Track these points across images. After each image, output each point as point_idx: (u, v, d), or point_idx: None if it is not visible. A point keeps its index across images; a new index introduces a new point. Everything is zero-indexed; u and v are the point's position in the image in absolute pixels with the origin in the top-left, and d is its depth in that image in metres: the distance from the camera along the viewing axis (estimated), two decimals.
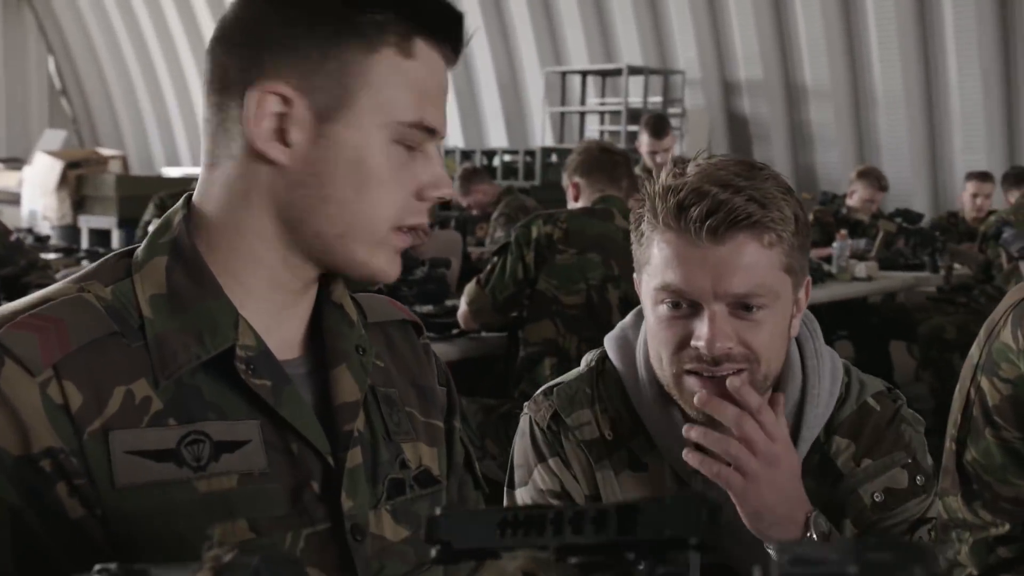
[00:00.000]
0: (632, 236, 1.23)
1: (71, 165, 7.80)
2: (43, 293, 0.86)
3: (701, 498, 0.52)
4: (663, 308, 1.18)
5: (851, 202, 5.49)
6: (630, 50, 9.82)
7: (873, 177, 5.49)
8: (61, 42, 13.67)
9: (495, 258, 2.95)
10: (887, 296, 5.33)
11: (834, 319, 5.22)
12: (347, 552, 0.87)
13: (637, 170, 4.94)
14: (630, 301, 2.85)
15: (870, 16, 8.78)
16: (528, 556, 0.53)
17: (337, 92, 0.85)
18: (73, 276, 0.89)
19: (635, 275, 1.25)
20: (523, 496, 1.30)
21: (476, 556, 0.57)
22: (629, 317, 1.34)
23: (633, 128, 9.13)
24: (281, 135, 0.85)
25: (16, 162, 10.13)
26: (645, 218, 1.19)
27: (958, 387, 1.88)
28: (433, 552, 0.57)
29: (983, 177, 6.11)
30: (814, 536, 1.15)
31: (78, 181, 7.71)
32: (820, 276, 4.64)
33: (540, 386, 2.83)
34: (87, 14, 13.19)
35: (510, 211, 5.31)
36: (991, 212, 5.94)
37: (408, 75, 0.86)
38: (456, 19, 0.89)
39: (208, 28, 12.46)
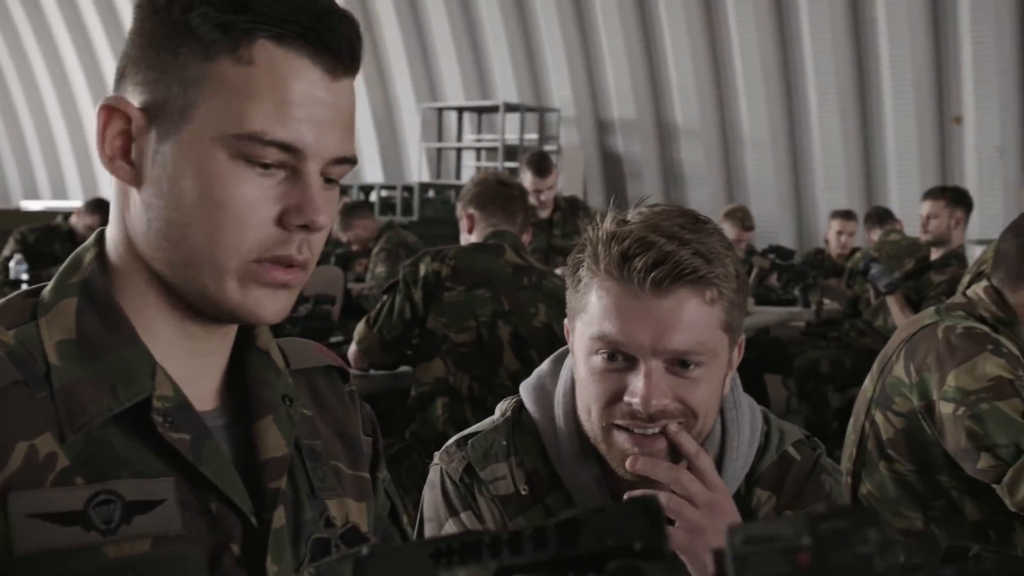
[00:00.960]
0: (568, 281, 1.18)
1: None
2: None
3: (642, 502, 0.49)
4: (597, 359, 1.13)
5: None
6: (506, 87, 9.92)
7: (737, 218, 5.63)
8: None
9: (384, 297, 2.90)
10: (760, 330, 5.47)
11: None
12: None
13: None
14: (521, 336, 2.83)
15: (736, 58, 9.12)
16: None
17: (178, 105, 0.77)
18: None
19: (566, 321, 1.20)
20: None
21: None
22: (546, 364, 1.29)
23: (510, 164, 9.18)
24: (126, 154, 0.79)
25: None
26: (584, 264, 1.14)
27: (851, 420, 1.92)
28: None
29: (847, 216, 6.37)
30: None
31: None
32: None
33: (432, 425, 2.81)
34: None
35: (391, 246, 5.25)
36: (855, 249, 6.20)
37: (244, 83, 0.76)
38: (313, 16, 0.77)
39: (67, 51, 12.02)
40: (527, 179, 4.80)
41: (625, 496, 1.12)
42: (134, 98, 0.79)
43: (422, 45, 10.23)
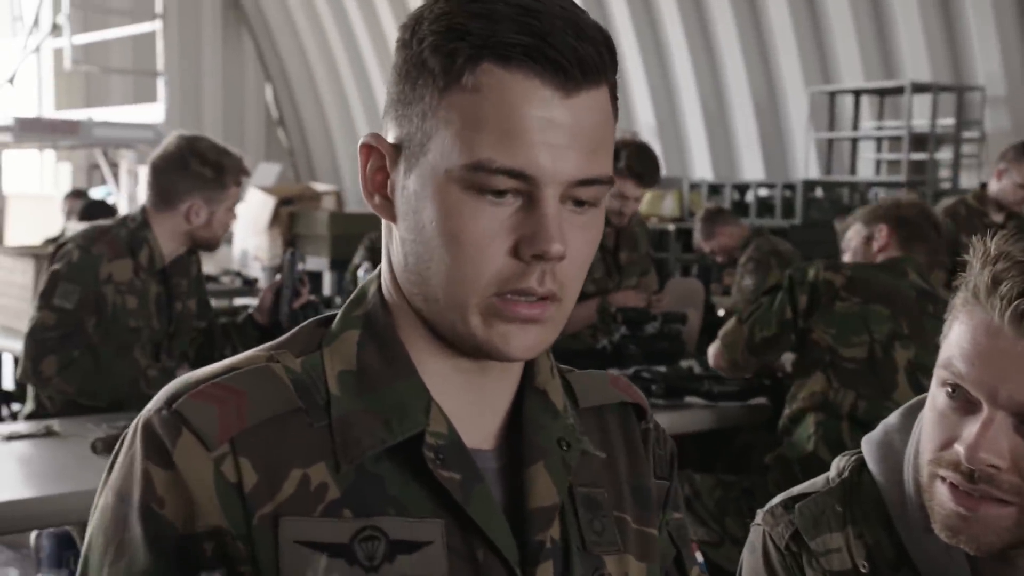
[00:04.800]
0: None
1: (284, 202, 8.27)
2: (232, 361, 0.91)
3: None
4: (941, 395, 1.11)
5: None
6: (915, 63, 9.48)
7: None
8: (280, 69, 14.65)
9: (763, 298, 2.98)
10: None
11: None
12: None
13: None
14: (922, 365, 2.78)
15: None
16: None
17: (418, 138, 0.86)
18: (268, 344, 0.94)
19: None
20: None
21: None
22: (895, 417, 1.26)
23: (917, 156, 8.79)
24: (383, 190, 0.90)
25: None
26: (962, 286, 1.13)
27: None
28: None
29: None
30: None
31: (291, 219, 8.15)
32: None
33: (801, 446, 2.82)
34: (307, 40, 14.06)
35: (760, 255, 5.24)
36: None
37: (472, 111, 0.83)
38: (536, 34, 0.82)
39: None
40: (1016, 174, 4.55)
41: None
42: (390, 133, 0.89)
43: (812, 17, 10.04)
